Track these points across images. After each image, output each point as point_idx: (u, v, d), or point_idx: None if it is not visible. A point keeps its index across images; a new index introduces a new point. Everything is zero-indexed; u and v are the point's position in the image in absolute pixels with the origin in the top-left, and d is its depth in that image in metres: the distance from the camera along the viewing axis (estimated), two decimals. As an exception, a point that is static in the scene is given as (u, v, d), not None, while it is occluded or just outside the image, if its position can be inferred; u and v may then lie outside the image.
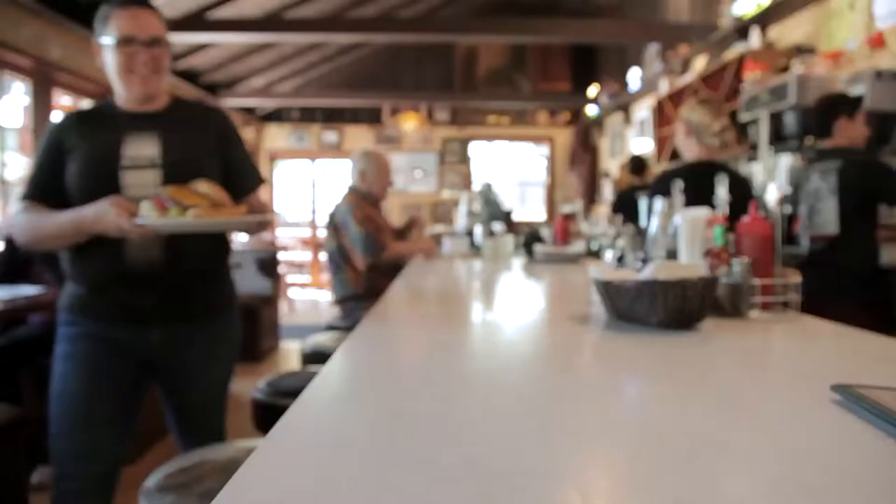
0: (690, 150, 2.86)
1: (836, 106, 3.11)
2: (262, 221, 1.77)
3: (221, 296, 1.93)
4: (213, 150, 1.81)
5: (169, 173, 1.68)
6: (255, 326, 5.31)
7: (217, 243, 1.86)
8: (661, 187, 2.63)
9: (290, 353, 5.80)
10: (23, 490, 2.23)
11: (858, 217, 2.95)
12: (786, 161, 4.22)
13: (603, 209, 5.81)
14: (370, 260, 3.26)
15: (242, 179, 1.90)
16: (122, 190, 1.65)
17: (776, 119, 4.11)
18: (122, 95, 1.76)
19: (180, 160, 1.72)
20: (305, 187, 10.51)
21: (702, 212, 1.74)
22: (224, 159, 1.84)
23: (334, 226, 3.36)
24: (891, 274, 3.00)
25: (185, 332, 1.81)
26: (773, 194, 3.56)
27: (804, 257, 3.07)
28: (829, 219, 2.98)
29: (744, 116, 4.46)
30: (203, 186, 1.62)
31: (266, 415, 1.97)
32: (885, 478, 0.61)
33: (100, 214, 1.56)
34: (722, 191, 1.74)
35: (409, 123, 10.20)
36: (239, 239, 6.82)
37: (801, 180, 3.21)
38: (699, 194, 2.00)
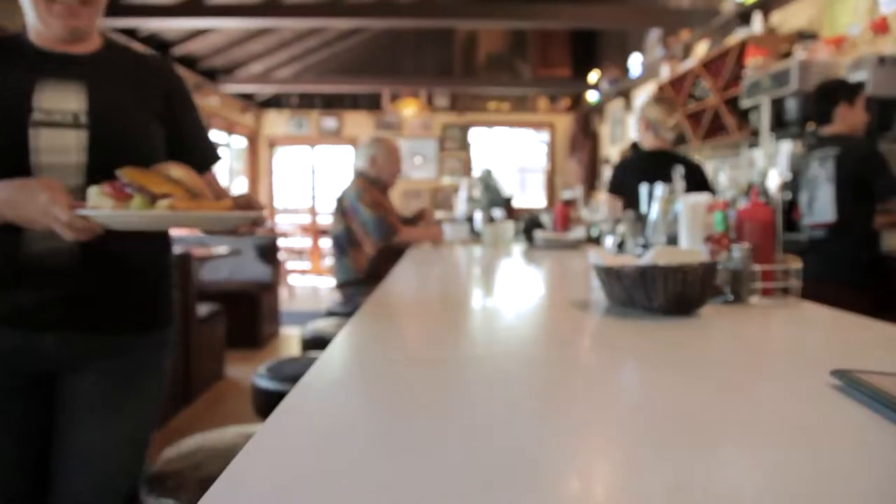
0: (648, 142, 3.36)
1: (836, 92, 3.10)
2: (255, 218, 1.28)
3: (153, 307, 1.43)
4: (157, 112, 1.38)
5: (97, 137, 1.24)
6: (255, 313, 5.33)
7: (154, 236, 1.42)
8: (623, 173, 3.39)
9: (290, 339, 5.81)
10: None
11: (856, 204, 2.94)
12: (787, 147, 4.21)
13: (603, 196, 5.80)
14: (381, 243, 3.27)
15: (194, 153, 1.46)
16: (31, 154, 1.20)
17: (778, 105, 4.09)
18: (39, 30, 1.28)
19: (114, 120, 1.28)
20: (305, 174, 10.49)
21: (703, 197, 1.74)
22: (172, 125, 1.41)
23: (342, 210, 3.37)
24: (891, 260, 3.00)
25: (92, 345, 1.34)
26: (774, 180, 3.55)
27: (805, 244, 3.07)
28: (826, 207, 2.99)
29: (745, 102, 4.43)
30: (175, 170, 1.21)
31: (266, 400, 1.98)
32: (885, 462, 0.61)
33: (19, 200, 1.10)
34: (678, 176, 1.93)
35: (409, 109, 10.15)
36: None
37: (801, 167, 3.20)
38: (656, 178, 2.26)
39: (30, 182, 1.13)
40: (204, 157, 1.53)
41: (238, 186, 9.66)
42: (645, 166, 3.25)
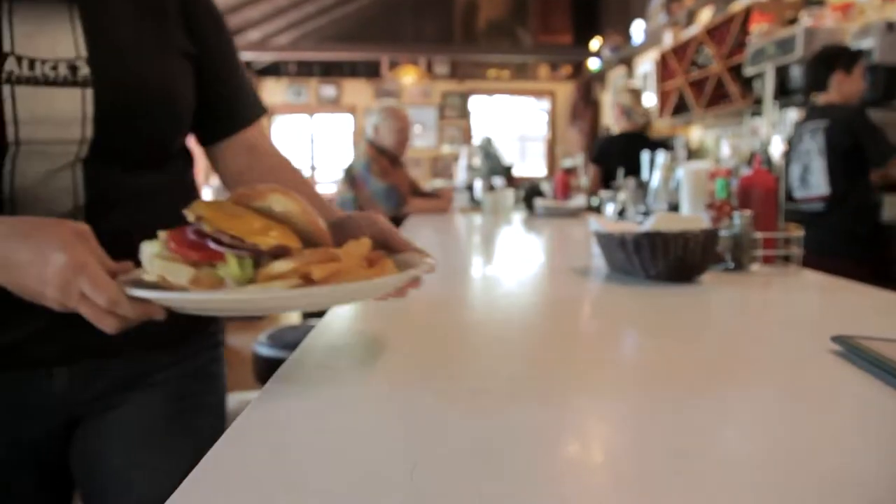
0: (622, 125, 4.29)
1: (833, 59, 3.04)
2: (429, 270, 0.79)
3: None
4: (184, 50, 0.95)
5: (108, 97, 0.83)
6: (255, 282, 5.32)
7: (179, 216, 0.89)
8: (602, 148, 4.30)
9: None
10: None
11: (849, 176, 2.93)
12: (791, 116, 4.17)
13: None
14: (390, 213, 3.26)
15: (234, 105, 1.05)
16: (6, 128, 0.78)
17: (782, 73, 4.03)
18: None
19: (126, 67, 0.85)
20: (304, 142, 10.42)
21: (704, 165, 1.72)
22: (203, 65, 0.98)
23: (351, 178, 3.37)
24: (889, 231, 2.99)
25: (117, 373, 0.94)
26: (777, 147, 3.53)
27: (800, 216, 3.06)
28: (820, 180, 2.99)
29: (749, 70, 4.38)
30: (277, 198, 0.72)
31: (267, 368, 1.99)
32: (885, 426, 0.61)
33: (18, 259, 0.66)
34: (646, 154, 1.96)
35: (408, 77, 10.04)
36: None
37: (794, 140, 3.18)
38: (630, 154, 2.90)
39: (38, 226, 0.67)
40: (246, 109, 1.06)
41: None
42: (620, 145, 4.13)
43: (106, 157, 0.85)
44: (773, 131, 4.12)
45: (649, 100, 6.90)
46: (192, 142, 1.07)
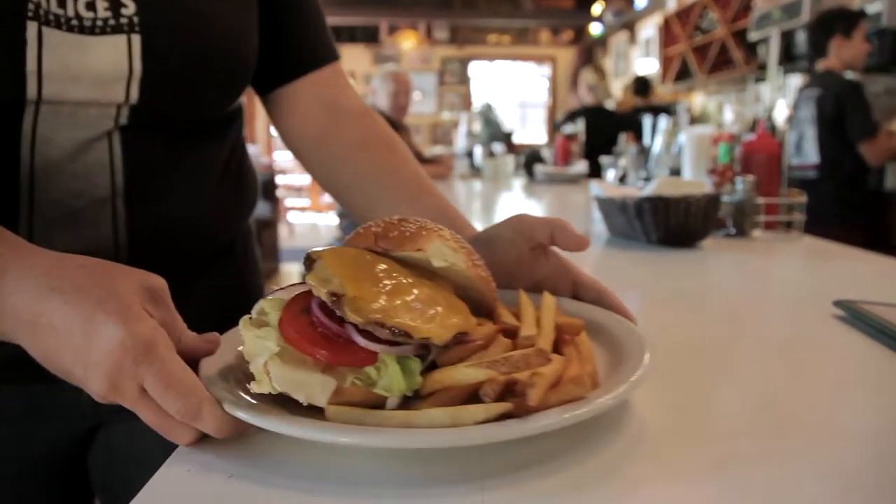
0: (589, 99, 4.94)
1: (831, 23, 2.97)
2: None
3: (234, 293, 0.86)
4: None
5: (158, 43, 0.64)
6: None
7: (223, 194, 0.80)
8: (569, 119, 4.67)
9: (290, 276, 5.84)
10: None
11: (839, 145, 2.90)
12: (795, 82, 4.12)
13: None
14: None
15: (301, 40, 0.84)
16: (26, 83, 0.59)
17: (787, 38, 3.97)
18: None
19: (182, 2, 0.67)
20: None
21: (707, 129, 1.70)
22: (267, 5, 0.79)
23: None
24: (882, 197, 2.98)
25: None
26: (781, 112, 3.49)
27: (795, 182, 3.05)
28: (811, 148, 2.98)
29: (753, 35, 4.31)
30: (440, 249, 0.51)
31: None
32: (886, 389, 0.61)
33: (58, 327, 0.45)
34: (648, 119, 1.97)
35: (407, 42, 9.90)
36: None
37: (795, 107, 3.15)
38: (598, 126, 3.17)
39: (96, 273, 0.48)
40: (317, 47, 0.86)
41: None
42: (588, 117, 4.59)
43: (151, 122, 0.67)
44: (778, 96, 4.08)
45: (650, 66, 6.81)
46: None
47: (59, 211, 0.64)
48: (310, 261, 0.47)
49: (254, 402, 0.44)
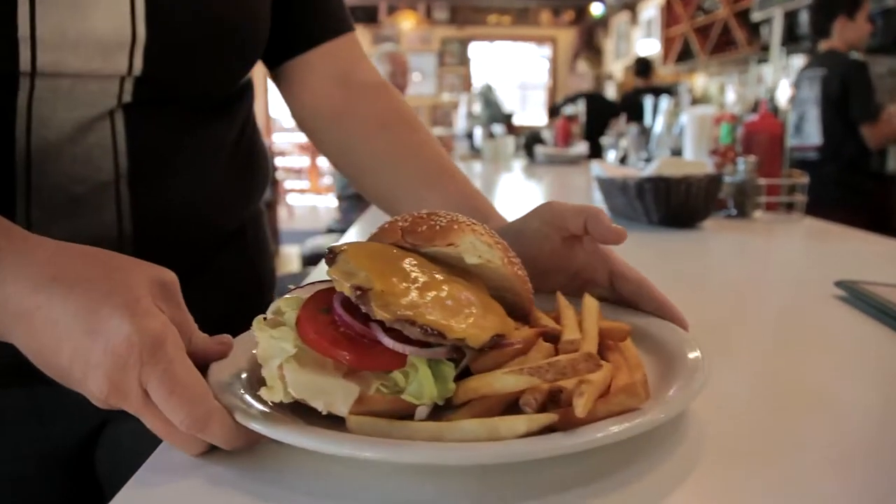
0: (585, 84, 5.16)
1: (834, 3, 2.95)
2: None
3: (245, 281, 0.83)
4: None
5: (159, 10, 0.58)
6: (254, 231, 5.32)
7: (241, 176, 0.77)
8: (565, 102, 4.83)
9: (290, 258, 5.83)
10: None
11: (842, 126, 2.88)
12: (798, 63, 4.09)
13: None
14: None
15: (317, 15, 0.78)
16: (18, 48, 0.53)
17: (790, 18, 3.94)
18: None
19: None
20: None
21: (709, 109, 1.69)
22: None
23: None
24: (884, 179, 2.97)
25: None
26: (784, 92, 3.47)
27: (794, 164, 3.04)
28: (814, 129, 2.95)
29: (756, 15, 4.27)
30: (474, 243, 0.47)
31: (266, 314, 1.99)
32: (887, 369, 0.60)
33: (59, 322, 0.40)
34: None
35: (407, 23, 9.82)
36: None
37: (796, 88, 3.13)
38: (594, 109, 3.31)
39: (104, 264, 0.44)
40: (329, 17, 0.80)
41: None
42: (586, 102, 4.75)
43: (156, 98, 0.62)
44: (780, 77, 4.05)
45: (651, 47, 6.76)
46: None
47: (59, 197, 0.59)
48: (332, 254, 0.43)
49: (267, 410, 0.40)
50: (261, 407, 0.40)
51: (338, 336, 0.40)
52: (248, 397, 0.41)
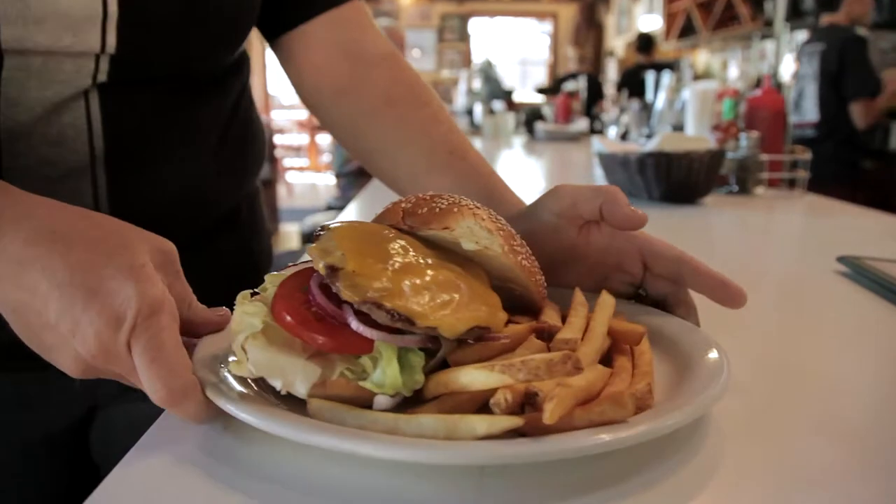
0: (572, 66, 5.47)
1: None
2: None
3: (241, 263, 0.80)
4: None
5: None
6: (253, 209, 5.30)
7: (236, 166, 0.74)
8: (560, 82, 4.95)
9: (289, 236, 5.83)
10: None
11: (838, 102, 2.85)
12: (802, 38, 4.04)
13: (607, 89, 5.66)
14: None
15: None
16: None
17: (795, -9, 3.89)
18: None
19: None
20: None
21: (712, 84, 1.67)
22: None
23: None
24: (883, 157, 2.95)
25: None
26: (788, 67, 3.44)
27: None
28: (811, 105, 2.93)
29: (760, -11, 4.22)
30: (472, 228, 0.44)
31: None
32: (889, 343, 0.60)
33: (36, 284, 0.39)
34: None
35: (407, -2, 9.70)
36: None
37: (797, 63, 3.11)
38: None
39: (107, 230, 0.43)
40: None
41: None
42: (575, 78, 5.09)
43: (135, 77, 0.59)
44: (784, 52, 4.00)
45: (654, 22, 6.69)
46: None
47: (32, 181, 0.54)
48: (321, 232, 0.42)
49: (243, 390, 0.39)
50: (233, 383, 0.39)
51: (308, 316, 0.39)
52: (226, 373, 0.41)
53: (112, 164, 0.58)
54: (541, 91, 5.47)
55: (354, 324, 0.38)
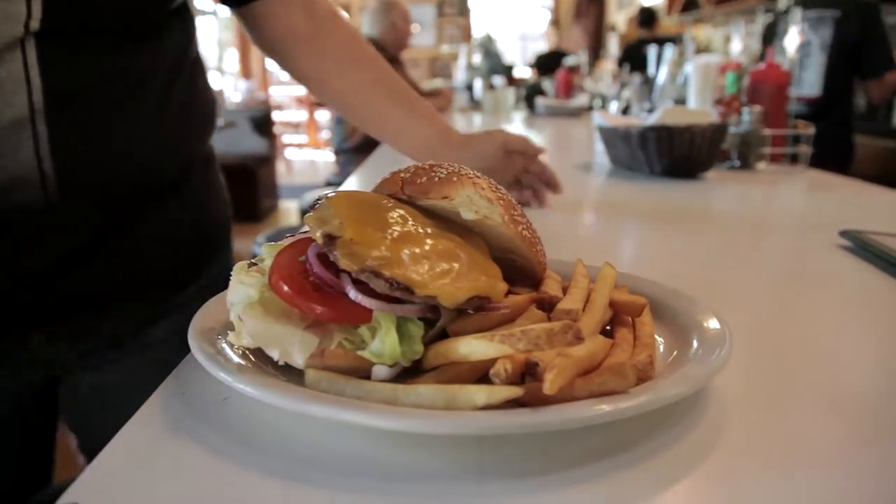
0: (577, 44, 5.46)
1: None
2: None
3: (200, 241, 0.80)
4: None
5: None
6: (253, 186, 5.28)
7: (178, 120, 0.73)
8: (547, 62, 5.10)
9: (289, 213, 5.81)
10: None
11: (847, 77, 2.62)
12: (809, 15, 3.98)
13: (608, 65, 5.60)
14: None
15: None
16: None
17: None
18: None
19: None
20: (298, 42, 10.05)
21: (714, 58, 1.65)
22: None
23: None
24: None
25: (101, 334, 0.73)
26: (793, 40, 3.38)
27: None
28: (814, 78, 2.65)
29: (764, -39, 4.15)
30: (471, 197, 0.44)
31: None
32: (890, 316, 0.60)
33: None
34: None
35: (406, -29, 9.58)
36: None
37: (780, 29, 2.90)
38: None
39: None
40: None
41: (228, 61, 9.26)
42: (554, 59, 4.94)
43: (69, 26, 0.58)
44: (789, 25, 3.94)
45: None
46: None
47: None
48: (318, 201, 0.42)
49: (237, 358, 0.39)
50: (237, 358, 0.39)
51: (306, 285, 0.38)
52: (223, 344, 0.40)
53: (52, 119, 0.57)
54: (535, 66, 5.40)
55: (353, 293, 0.37)
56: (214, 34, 9.06)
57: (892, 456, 0.36)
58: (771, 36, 2.84)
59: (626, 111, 2.07)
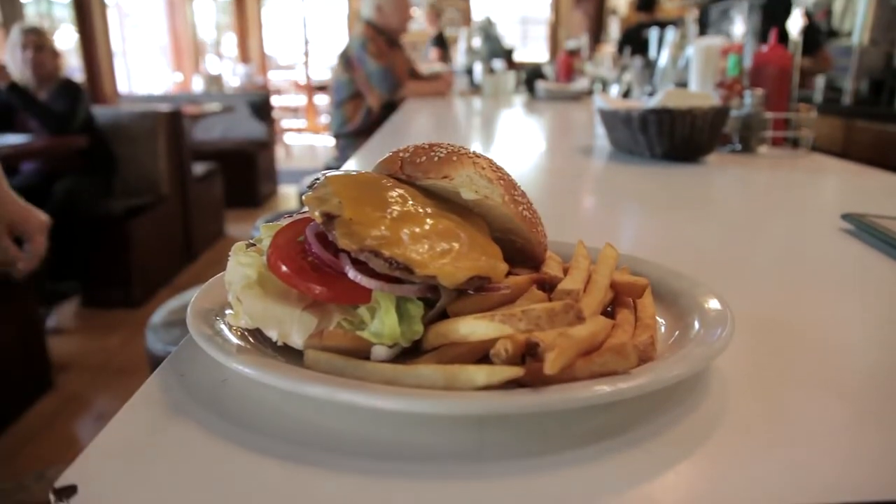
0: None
1: None
2: None
3: None
4: None
5: None
6: (252, 171, 5.26)
7: None
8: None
9: (288, 197, 5.80)
10: (40, 333, 2.28)
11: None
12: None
13: (609, 49, 5.57)
14: (387, 96, 3.14)
15: None
16: None
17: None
18: None
19: None
20: (296, 27, 9.98)
21: (716, 40, 1.63)
22: None
23: (347, 60, 3.22)
24: None
25: None
26: (797, 22, 3.36)
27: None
28: None
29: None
30: (471, 176, 0.43)
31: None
32: (891, 298, 0.60)
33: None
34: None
35: (405, -46, 9.49)
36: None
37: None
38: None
39: None
40: None
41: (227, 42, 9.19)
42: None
43: None
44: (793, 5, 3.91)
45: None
46: None
47: None
48: (317, 180, 0.41)
49: (236, 339, 0.38)
50: (235, 339, 0.39)
51: (304, 265, 0.38)
52: (222, 325, 0.40)
53: None
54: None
55: (352, 273, 0.37)
56: (212, 18, 8.99)
57: (892, 436, 0.36)
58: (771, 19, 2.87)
59: (626, 94, 2.06)
